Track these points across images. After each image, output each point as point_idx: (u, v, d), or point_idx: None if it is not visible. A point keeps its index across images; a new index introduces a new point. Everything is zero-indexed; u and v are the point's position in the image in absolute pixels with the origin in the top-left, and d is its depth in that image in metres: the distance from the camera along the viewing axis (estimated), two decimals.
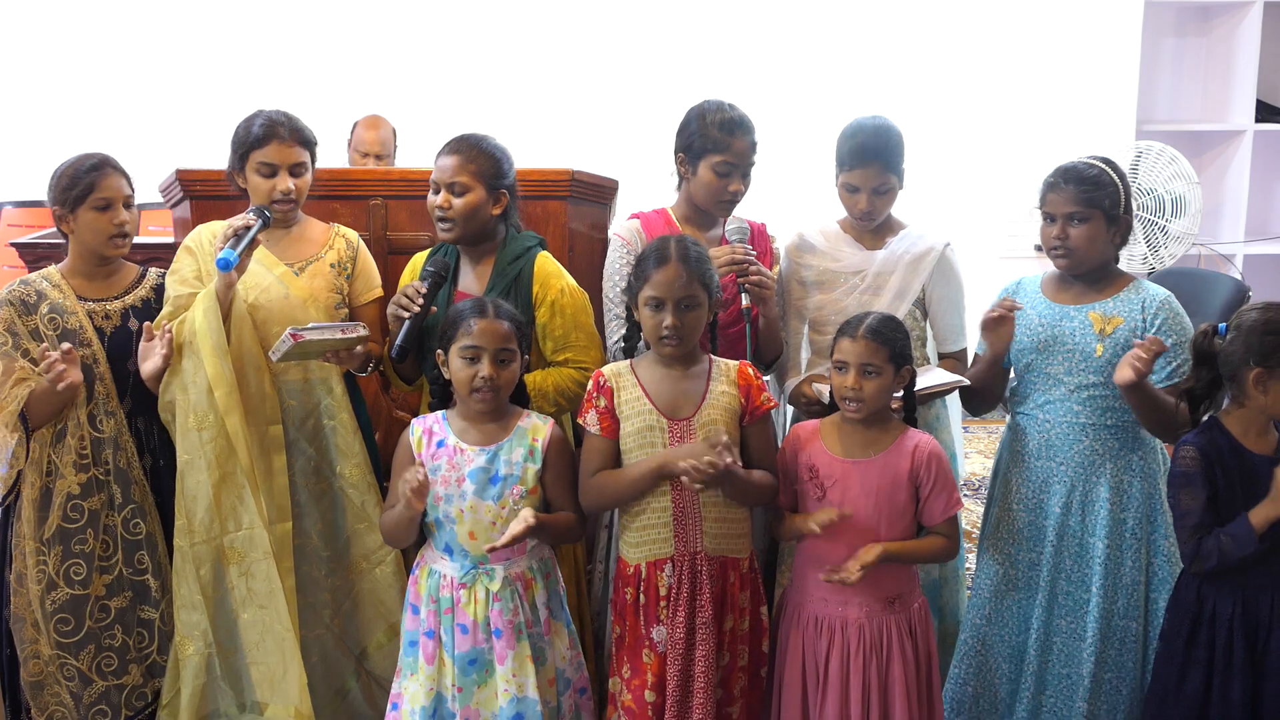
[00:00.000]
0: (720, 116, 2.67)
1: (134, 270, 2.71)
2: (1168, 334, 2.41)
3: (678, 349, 2.31)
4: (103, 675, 2.60)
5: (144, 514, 2.62)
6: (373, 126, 4.37)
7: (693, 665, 2.27)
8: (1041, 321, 2.53)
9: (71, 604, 2.55)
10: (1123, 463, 2.47)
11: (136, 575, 2.63)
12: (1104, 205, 2.43)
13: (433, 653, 2.32)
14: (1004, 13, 5.53)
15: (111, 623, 2.60)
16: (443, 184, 2.55)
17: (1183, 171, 4.84)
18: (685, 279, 2.27)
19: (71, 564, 2.55)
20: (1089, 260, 2.47)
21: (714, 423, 2.30)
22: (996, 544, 2.59)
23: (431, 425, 2.37)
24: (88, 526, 2.56)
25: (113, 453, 2.58)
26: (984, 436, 5.50)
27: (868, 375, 2.28)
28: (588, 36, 5.41)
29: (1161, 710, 2.32)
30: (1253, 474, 2.21)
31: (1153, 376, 2.42)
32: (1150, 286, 2.49)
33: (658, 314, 2.29)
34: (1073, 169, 2.48)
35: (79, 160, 2.56)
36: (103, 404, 2.58)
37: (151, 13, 5.34)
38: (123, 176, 2.59)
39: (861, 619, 2.30)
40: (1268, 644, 2.22)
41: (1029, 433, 2.55)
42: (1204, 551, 2.20)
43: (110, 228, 2.55)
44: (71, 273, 2.62)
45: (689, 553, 2.31)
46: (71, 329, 2.56)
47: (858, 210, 2.73)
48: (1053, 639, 2.50)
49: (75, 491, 2.55)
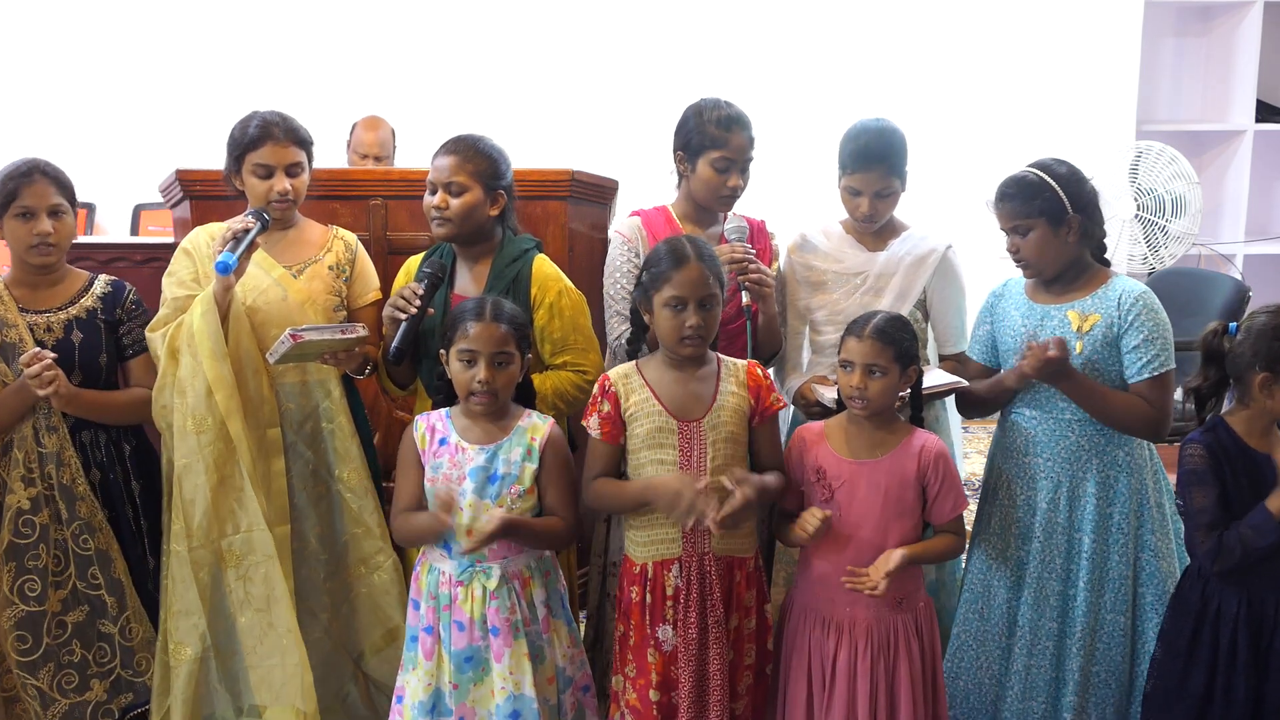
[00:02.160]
0: (717, 113, 2.69)
1: (81, 278, 2.64)
2: (1140, 329, 2.42)
3: (699, 348, 2.30)
4: (64, 693, 2.54)
5: (92, 530, 2.55)
6: (372, 128, 4.36)
7: (707, 665, 2.28)
8: (1024, 322, 2.54)
9: (29, 620, 2.50)
10: (1109, 458, 2.48)
11: (91, 590, 2.57)
12: (1043, 212, 2.43)
13: (431, 648, 2.32)
14: (1004, 13, 5.53)
15: (69, 638, 2.54)
16: (440, 184, 2.55)
17: (1183, 171, 4.84)
18: (705, 278, 2.27)
19: (25, 580, 2.50)
20: (1049, 265, 2.49)
21: (724, 424, 2.30)
22: (987, 540, 2.60)
23: (435, 423, 2.38)
24: (39, 542, 2.50)
25: (55, 468, 2.52)
26: (984, 437, 5.50)
27: (873, 375, 2.28)
28: (588, 36, 5.41)
29: (1164, 710, 2.32)
30: (1258, 471, 2.22)
31: (1126, 371, 2.44)
32: (1126, 282, 2.49)
33: (680, 314, 2.27)
34: (1007, 184, 2.49)
35: (11, 166, 2.50)
36: (44, 419, 2.52)
37: (151, 13, 5.34)
38: (52, 184, 2.51)
39: (870, 619, 2.30)
40: (1272, 644, 2.21)
41: (1017, 430, 2.56)
42: (1227, 546, 2.18)
43: (30, 237, 2.49)
44: (15, 283, 2.57)
45: (697, 553, 2.31)
46: (10, 342, 2.50)
47: (860, 213, 2.73)
48: (1040, 634, 2.51)
49: (25, 507, 2.50)
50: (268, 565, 2.51)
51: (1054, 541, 2.50)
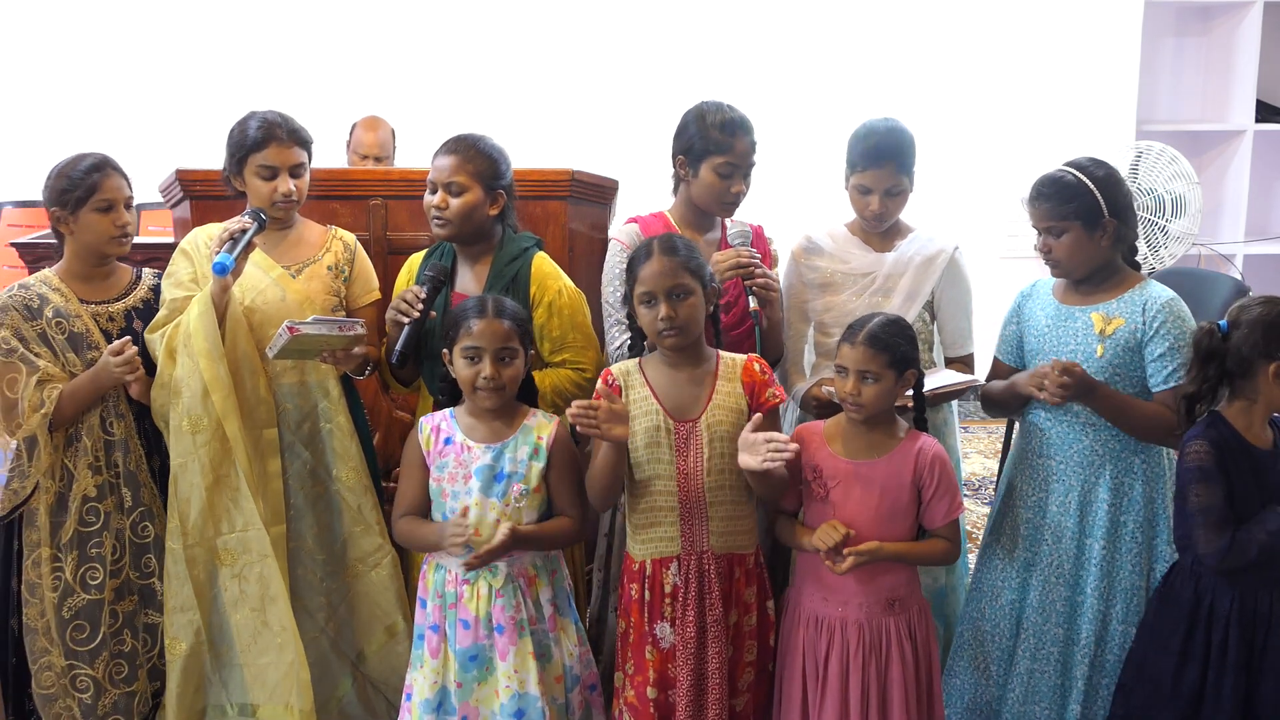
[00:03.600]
0: (720, 117, 2.67)
1: (129, 272, 2.71)
2: (1165, 337, 2.39)
3: (678, 339, 2.29)
4: (115, 684, 2.60)
5: (152, 516, 2.62)
6: (371, 128, 4.36)
7: (705, 664, 2.28)
8: (1049, 323, 2.52)
9: (88, 609, 2.55)
10: (1124, 464, 2.45)
11: (143, 579, 2.63)
12: (1079, 215, 2.41)
13: (437, 647, 2.34)
14: (1004, 13, 5.53)
15: (120, 628, 2.60)
16: (439, 184, 2.55)
17: (1183, 171, 4.83)
18: (671, 268, 2.27)
19: (88, 568, 2.55)
20: (1078, 267, 2.46)
21: (720, 424, 2.30)
22: (999, 541, 2.59)
23: (440, 423, 2.38)
24: (103, 530, 2.56)
25: (123, 455, 2.59)
26: (984, 437, 5.50)
27: (866, 381, 2.28)
28: (587, 37, 5.41)
29: (1151, 708, 2.29)
30: (1260, 468, 2.20)
31: (1150, 379, 2.41)
32: (1155, 287, 2.45)
33: (652, 308, 2.28)
34: (1044, 183, 2.47)
35: (76, 160, 2.55)
36: (112, 407, 2.58)
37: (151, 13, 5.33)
38: (122, 177, 2.59)
39: (861, 619, 2.30)
40: (1266, 642, 2.20)
41: (1034, 433, 2.55)
42: (1240, 545, 2.15)
43: (113, 229, 2.56)
44: (69, 275, 2.62)
45: (695, 552, 2.31)
46: (78, 332, 2.56)
47: (870, 212, 2.72)
48: (1045, 639, 2.48)
49: (91, 494, 2.56)
50: (263, 564, 2.52)
51: (1063, 546, 2.47)
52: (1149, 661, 2.31)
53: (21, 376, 2.48)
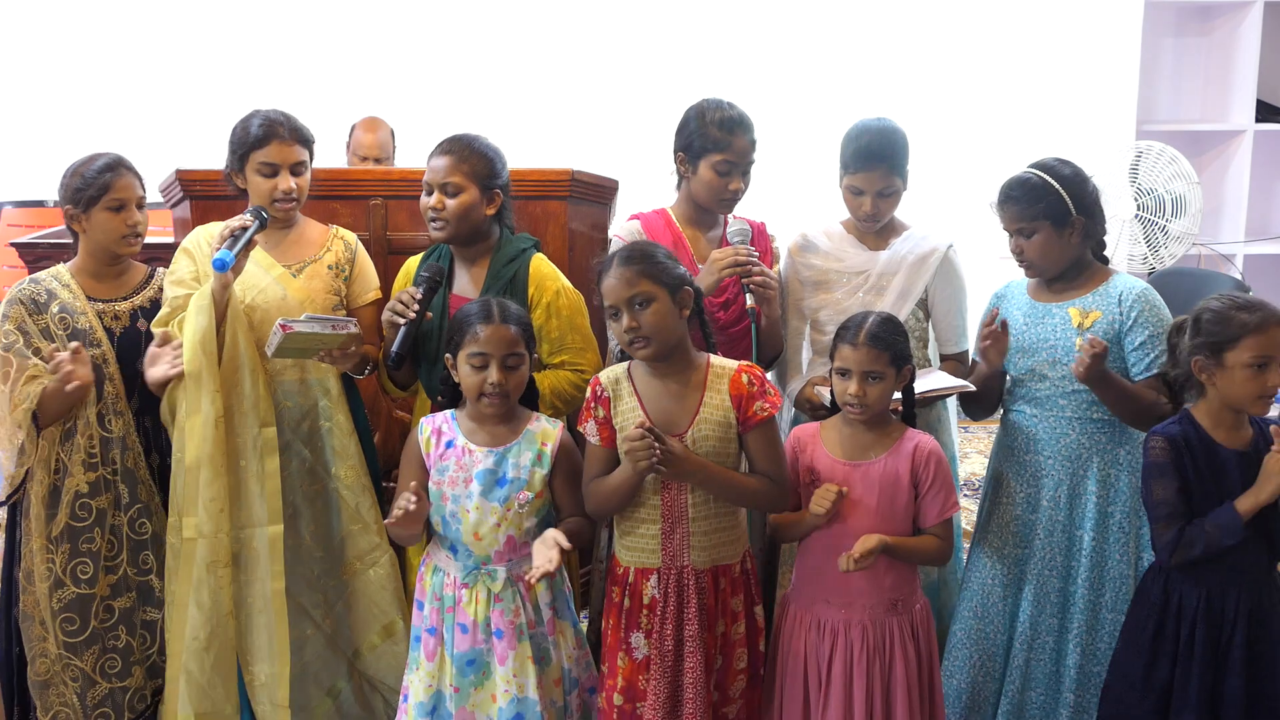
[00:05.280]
0: (720, 115, 2.67)
1: (142, 270, 2.73)
2: (1144, 326, 2.44)
3: (648, 349, 2.21)
4: (106, 677, 2.60)
5: (150, 514, 2.63)
6: (371, 129, 4.35)
7: (681, 677, 2.25)
8: (1026, 321, 2.55)
9: (77, 603, 2.56)
10: (1110, 457, 2.49)
11: (140, 575, 2.64)
12: (1047, 214, 2.44)
13: (433, 650, 2.32)
14: (1004, 13, 5.53)
15: (115, 623, 2.61)
16: (436, 185, 2.55)
17: (1183, 171, 4.84)
18: (628, 278, 2.19)
19: (78, 563, 2.56)
20: (1051, 266, 2.51)
21: (706, 439, 2.24)
22: (987, 539, 2.61)
23: (441, 425, 2.37)
24: (95, 525, 2.57)
25: (120, 452, 2.60)
26: (984, 437, 5.50)
27: (871, 381, 2.28)
28: (587, 36, 5.41)
29: (1122, 704, 2.30)
30: (1221, 468, 2.21)
31: (1131, 369, 2.45)
32: (1127, 280, 2.50)
33: (617, 321, 2.23)
34: (1011, 186, 2.50)
35: (90, 160, 2.58)
36: (111, 404, 2.59)
37: (152, 13, 5.34)
38: (135, 176, 2.62)
39: (865, 621, 2.30)
40: (1231, 640, 2.21)
41: (1019, 429, 2.57)
42: (1187, 540, 2.19)
43: (124, 228, 2.58)
44: (80, 272, 2.64)
45: (675, 567, 2.27)
46: (82, 329, 2.58)
47: (862, 213, 2.73)
48: (1040, 630, 2.51)
49: (84, 490, 2.56)
50: (260, 563, 2.52)
51: (1055, 539, 2.51)
52: (1123, 658, 2.34)
53: (13, 370, 2.50)
